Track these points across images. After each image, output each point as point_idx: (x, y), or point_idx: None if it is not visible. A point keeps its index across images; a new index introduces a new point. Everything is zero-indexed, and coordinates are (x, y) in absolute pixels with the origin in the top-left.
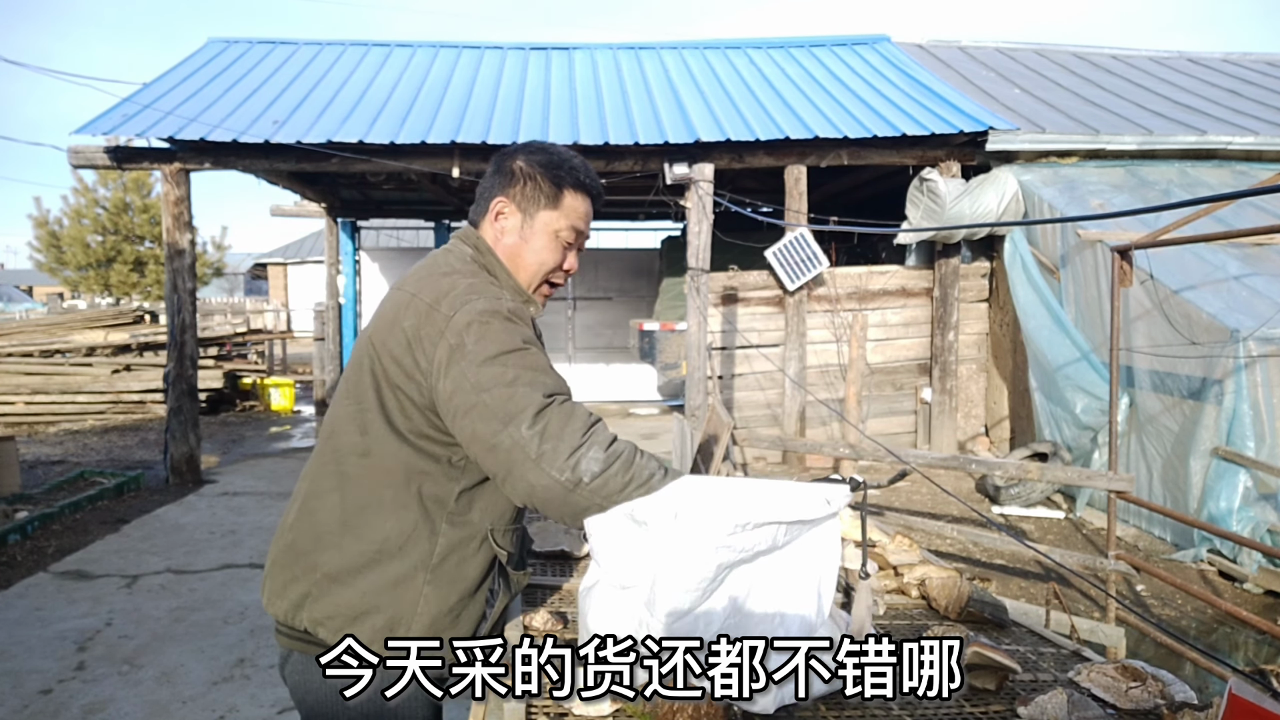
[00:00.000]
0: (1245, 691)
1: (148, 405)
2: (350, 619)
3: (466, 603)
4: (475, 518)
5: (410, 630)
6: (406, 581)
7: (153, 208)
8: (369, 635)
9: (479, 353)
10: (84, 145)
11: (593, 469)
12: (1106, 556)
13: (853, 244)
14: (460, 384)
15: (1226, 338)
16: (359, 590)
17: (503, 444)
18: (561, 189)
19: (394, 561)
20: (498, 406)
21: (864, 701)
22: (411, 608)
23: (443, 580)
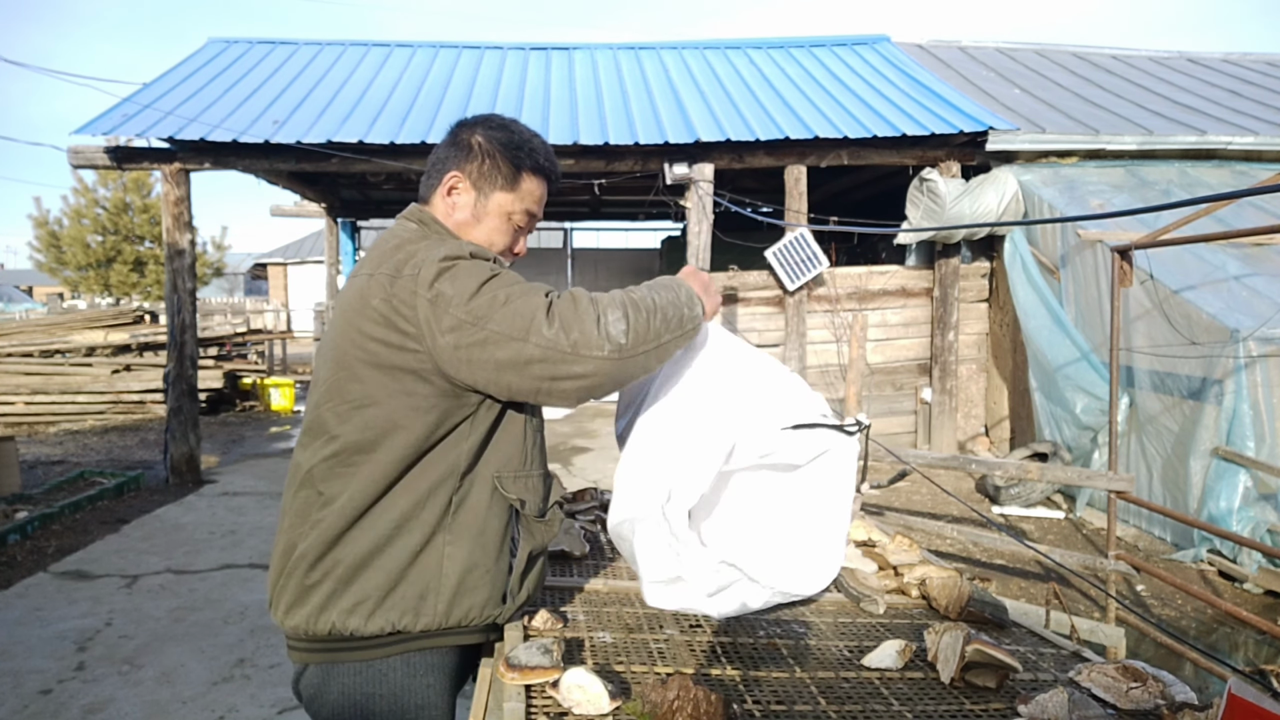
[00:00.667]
0: (1245, 691)
1: (148, 405)
2: (380, 599)
3: (491, 555)
4: (482, 470)
5: (440, 595)
6: (427, 548)
7: (153, 208)
8: (400, 608)
9: (461, 293)
10: (84, 145)
11: (621, 327)
12: (1106, 556)
13: (853, 244)
14: (459, 328)
15: (1226, 338)
16: (384, 570)
17: (534, 355)
18: (520, 171)
19: (413, 533)
20: (508, 326)
21: (864, 698)
22: (437, 572)
23: (462, 537)
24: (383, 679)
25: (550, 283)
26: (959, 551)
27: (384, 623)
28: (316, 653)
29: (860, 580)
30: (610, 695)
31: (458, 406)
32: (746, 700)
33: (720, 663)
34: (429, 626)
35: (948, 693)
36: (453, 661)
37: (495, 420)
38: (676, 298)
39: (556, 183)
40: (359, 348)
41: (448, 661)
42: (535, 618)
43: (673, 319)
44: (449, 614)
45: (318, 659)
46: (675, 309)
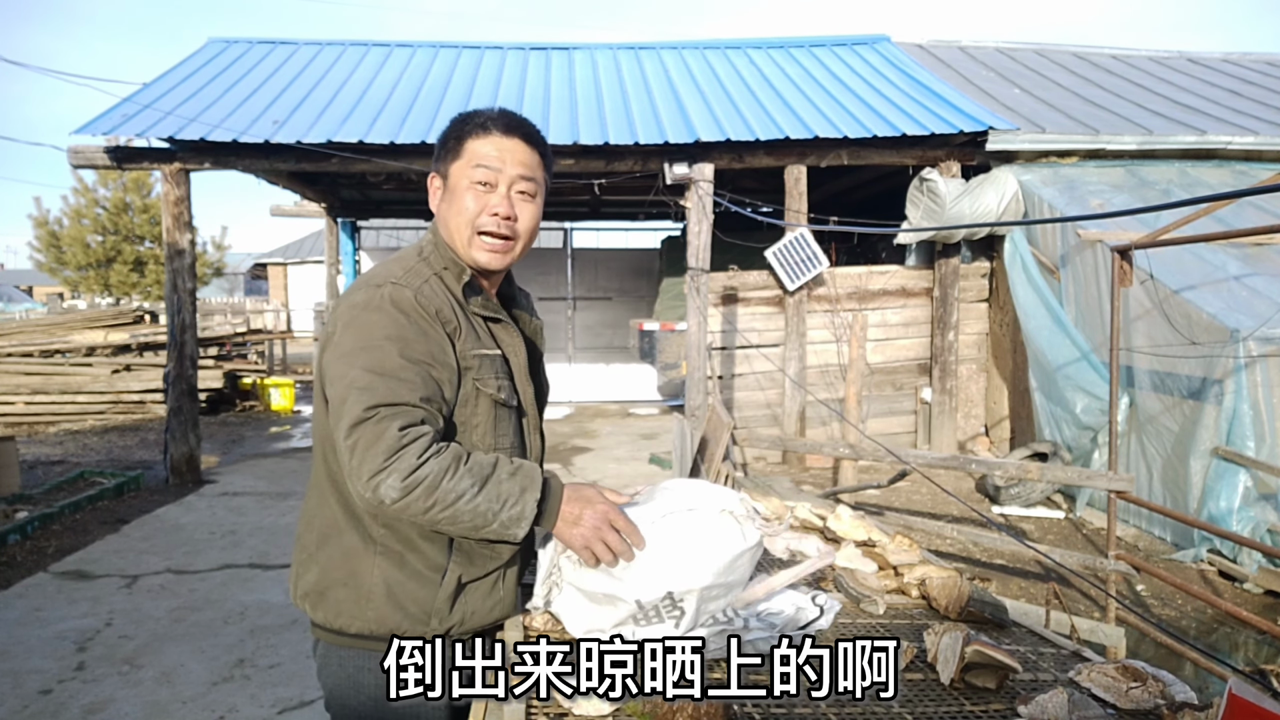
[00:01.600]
0: (1245, 691)
1: (148, 405)
2: (320, 594)
3: (418, 572)
4: None
5: (371, 604)
6: (359, 554)
7: (153, 208)
8: (335, 609)
9: (339, 345)
10: (84, 145)
11: (391, 495)
12: (1106, 556)
13: (853, 244)
14: (325, 374)
15: (1226, 338)
16: (322, 564)
17: (340, 442)
18: (464, 140)
19: (344, 536)
20: (336, 403)
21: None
22: (366, 580)
23: (389, 551)
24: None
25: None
26: (959, 551)
27: (325, 616)
28: (314, 628)
29: (860, 580)
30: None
31: None
32: (746, 702)
33: (720, 664)
34: (361, 631)
35: (948, 694)
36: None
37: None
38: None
39: (513, 130)
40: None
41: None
42: (535, 618)
43: (466, 522)
44: (380, 622)
45: (316, 634)
46: (481, 518)
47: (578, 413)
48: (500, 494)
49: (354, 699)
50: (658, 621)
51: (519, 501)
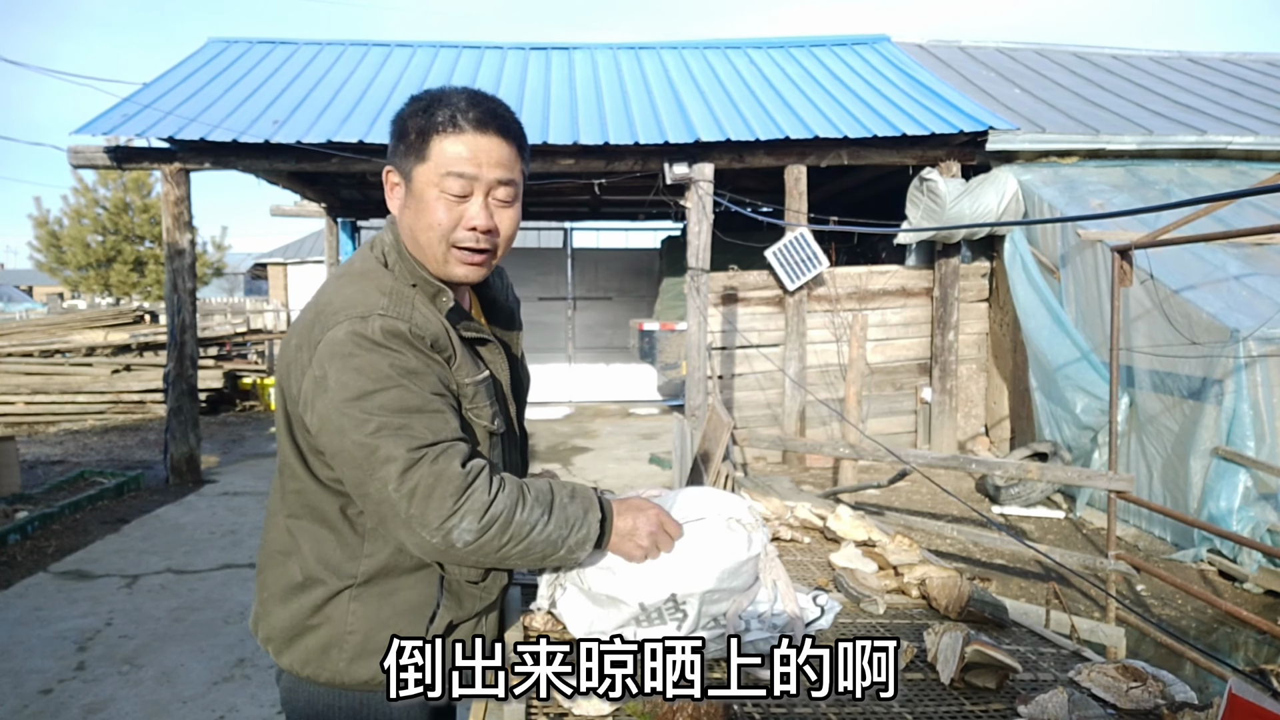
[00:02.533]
0: (1245, 691)
1: (148, 405)
2: (286, 640)
3: (402, 618)
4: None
5: (343, 652)
6: (333, 601)
7: (153, 208)
8: (303, 657)
9: (339, 392)
10: (84, 145)
11: (465, 538)
12: (1106, 556)
13: (853, 244)
14: (325, 424)
15: (1226, 338)
16: (291, 611)
17: (372, 495)
18: (429, 137)
19: (322, 584)
20: (361, 458)
21: (869, 700)
22: (341, 626)
23: (371, 598)
24: (341, 693)
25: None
26: (959, 551)
27: (291, 662)
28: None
29: (860, 580)
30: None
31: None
32: (746, 702)
33: (720, 663)
34: (332, 681)
35: (948, 693)
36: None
37: None
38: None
39: (487, 126)
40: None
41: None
42: (535, 618)
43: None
44: (351, 672)
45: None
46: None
47: (578, 413)
48: (567, 519)
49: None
50: (660, 623)
51: (584, 524)
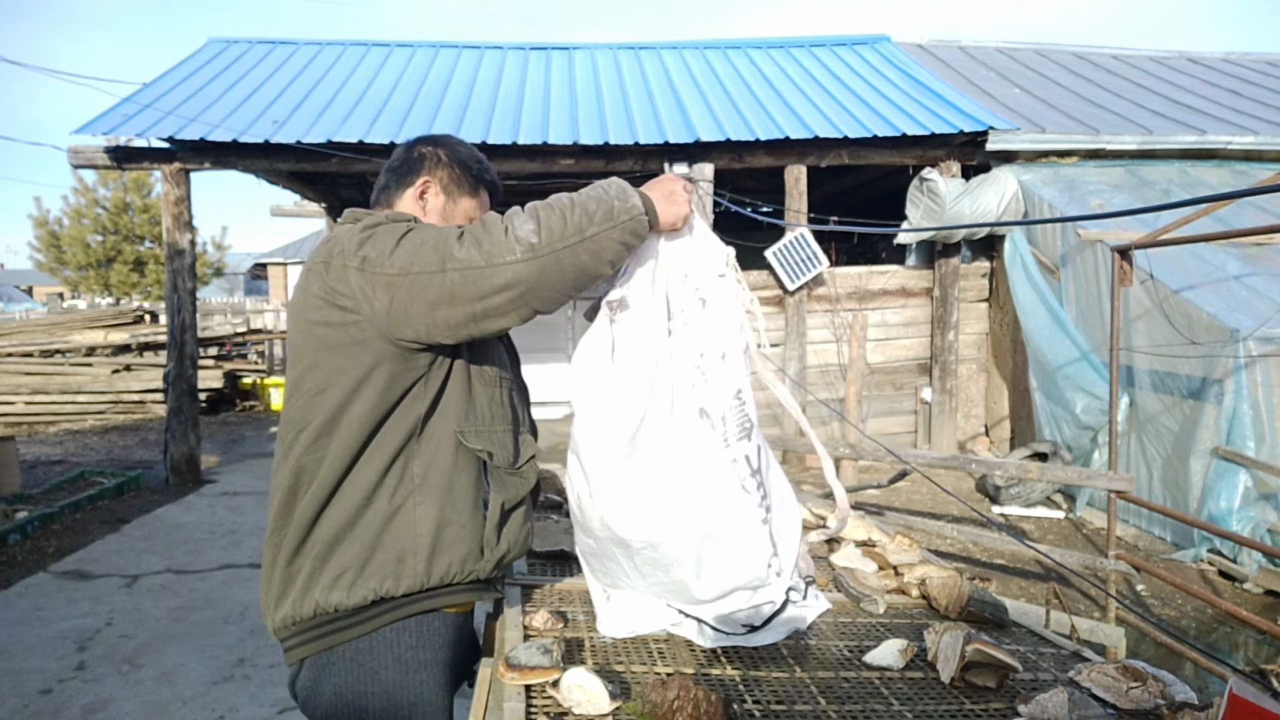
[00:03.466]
0: (1245, 691)
1: (148, 405)
2: (359, 568)
3: (463, 510)
4: (440, 428)
5: (418, 555)
6: (399, 513)
7: (153, 208)
8: (380, 575)
9: (383, 251)
10: (84, 145)
11: (529, 228)
12: (1106, 556)
13: (853, 244)
14: (390, 285)
15: (1226, 338)
16: (359, 540)
17: (455, 282)
18: (480, 183)
19: (381, 499)
20: (427, 263)
21: (870, 700)
22: (411, 533)
23: (431, 496)
24: (375, 677)
25: None
26: (959, 551)
27: (366, 591)
28: (308, 643)
29: (860, 580)
30: (610, 695)
31: (407, 369)
32: (746, 700)
33: (720, 663)
34: (411, 588)
35: (948, 692)
36: (446, 658)
37: (446, 378)
38: (603, 193)
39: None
40: (309, 337)
41: (441, 658)
42: (535, 618)
43: (597, 212)
44: (429, 572)
45: (310, 650)
46: (600, 203)
47: None
48: (605, 188)
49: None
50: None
51: (609, 184)
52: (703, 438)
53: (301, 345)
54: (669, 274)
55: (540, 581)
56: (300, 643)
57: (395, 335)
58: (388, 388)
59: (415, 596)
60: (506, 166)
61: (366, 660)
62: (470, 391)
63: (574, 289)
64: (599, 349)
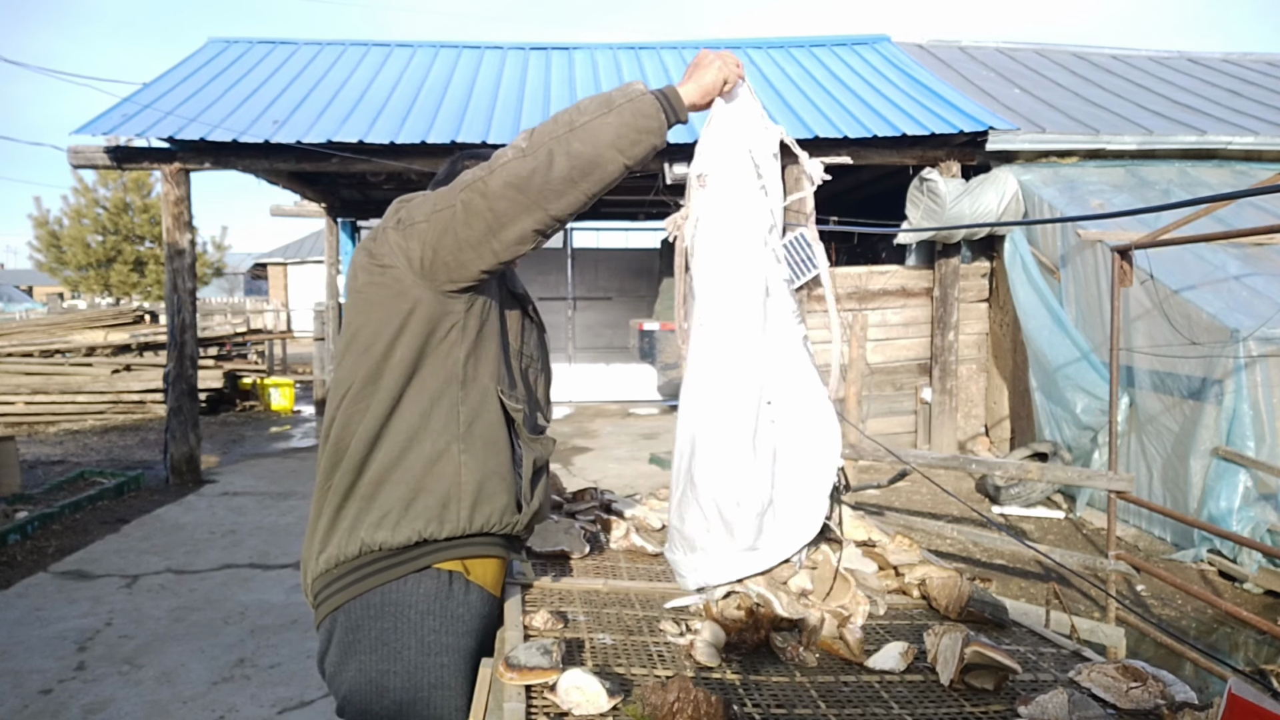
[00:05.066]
0: (1245, 691)
1: (148, 405)
2: (404, 509)
3: (505, 462)
4: (481, 378)
5: (462, 502)
6: (442, 456)
7: (153, 208)
8: (425, 517)
9: (414, 208)
10: (84, 145)
11: (522, 137)
12: (1106, 556)
13: (853, 244)
14: (420, 232)
15: (1226, 338)
16: (403, 482)
17: (465, 199)
18: None
19: (424, 443)
20: (446, 200)
21: (869, 702)
22: (455, 479)
23: (475, 446)
24: (398, 656)
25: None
26: (959, 551)
27: (410, 532)
28: (348, 587)
29: (860, 580)
30: (609, 696)
31: (443, 314)
32: (746, 703)
33: (721, 665)
34: (454, 533)
35: (948, 695)
36: (470, 645)
37: (481, 329)
38: (605, 92)
39: None
40: (357, 302)
41: (464, 644)
42: (535, 618)
43: (590, 105)
44: (472, 519)
45: (348, 595)
46: (596, 98)
47: (578, 413)
48: (608, 92)
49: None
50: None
51: (626, 85)
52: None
53: (351, 313)
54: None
55: (540, 581)
56: (341, 588)
57: (431, 279)
58: (426, 332)
59: (456, 541)
60: None
61: (391, 640)
62: (503, 352)
63: (582, 180)
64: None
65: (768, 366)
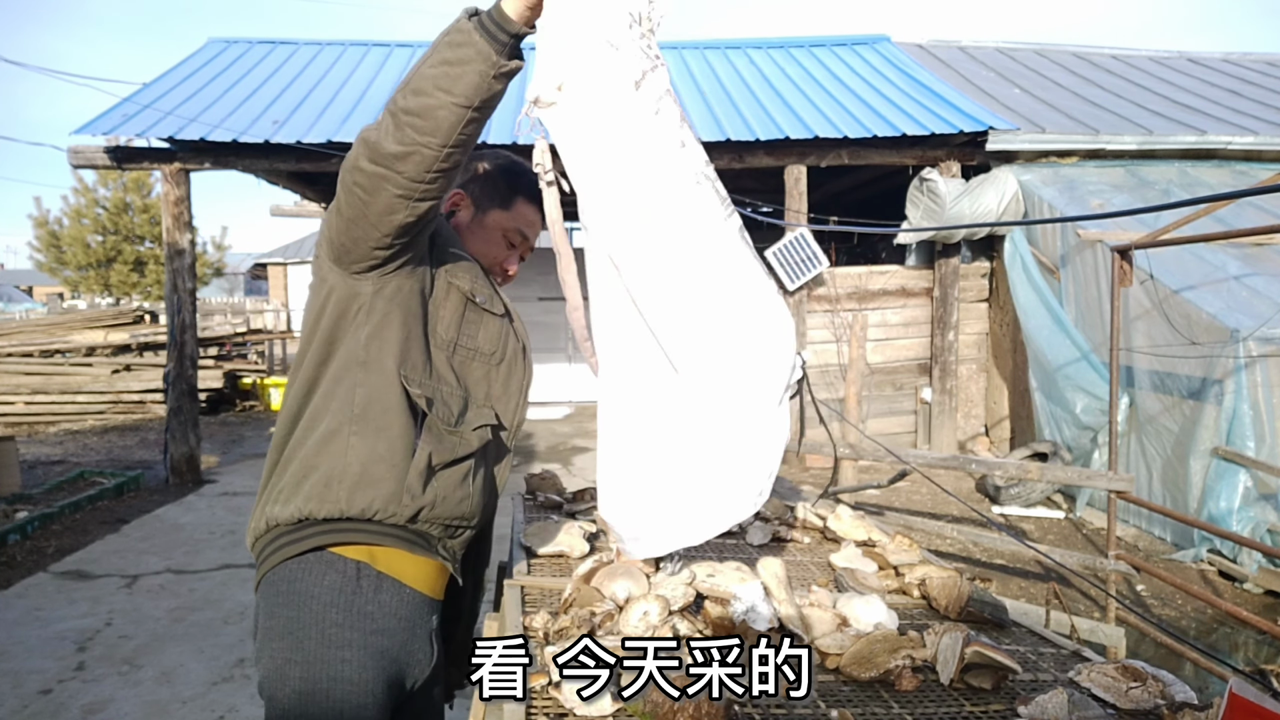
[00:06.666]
0: (1245, 691)
1: (148, 405)
2: (295, 486)
3: (397, 450)
4: (382, 362)
5: (343, 483)
6: (335, 436)
7: (153, 208)
8: (306, 494)
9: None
10: (84, 145)
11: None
12: (1106, 556)
13: (853, 244)
14: (327, 217)
15: (1226, 338)
16: (300, 460)
17: (343, 177)
18: (516, 194)
19: (320, 423)
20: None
21: (869, 702)
22: (341, 460)
23: (368, 429)
24: (299, 647)
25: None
26: (959, 551)
27: (294, 509)
28: (261, 564)
29: (860, 580)
30: (613, 699)
31: (352, 297)
32: (746, 703)
33: None
34: (332, 514)
35: (947, 694)
36: (379, 645)
37: (389, 311)
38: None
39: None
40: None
41: (371, 643)
42: (535, 618)
43: (427, 57)
44: (351, 501)
45: (262, 571)
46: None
47: (578, 413)
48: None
49: (289, 666)
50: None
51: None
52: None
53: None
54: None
55: (540, 581)
56: (259, 565)
57: (339, 262)
58: (338, 314)
59: (336, 524)
60: None
61: (295, 629)
62: (412, 336)
63: (420, 136)
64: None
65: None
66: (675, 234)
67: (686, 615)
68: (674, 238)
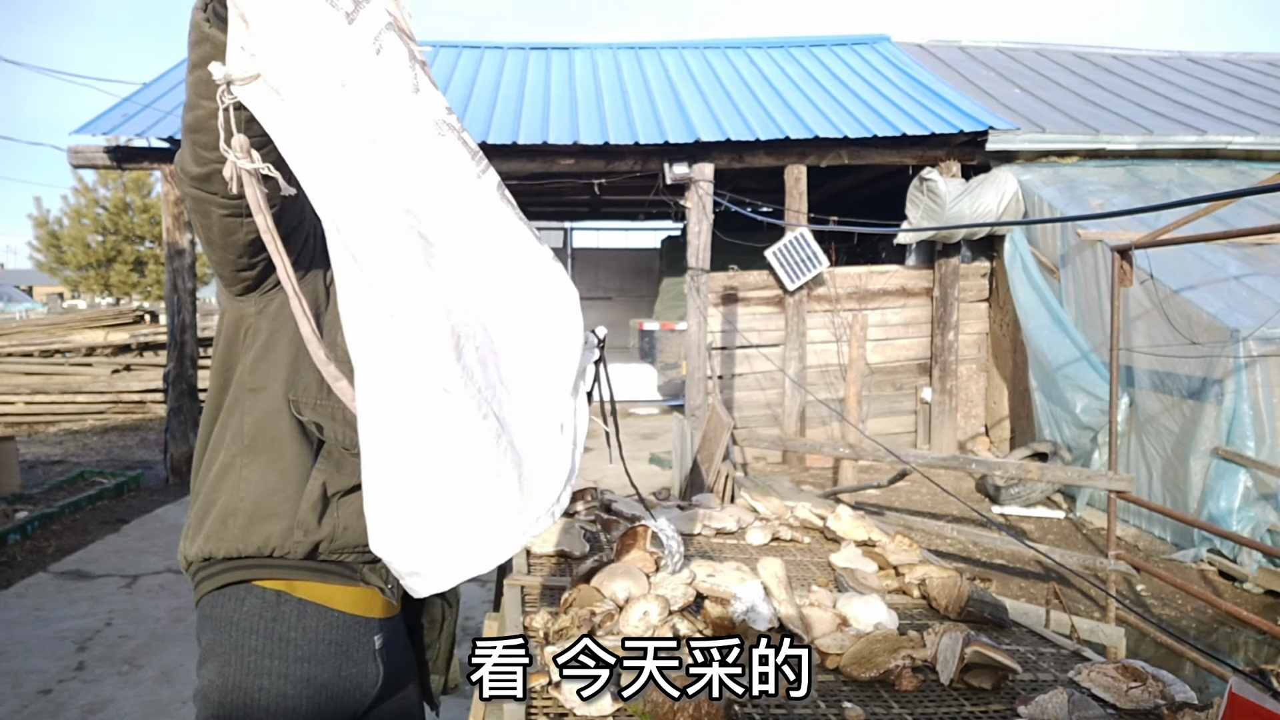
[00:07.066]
0: (1245, 691)
1: (148, 405)
2: (198, 525)
3: (290, 482)
4: (269, 387)
5: (238, 519)
6: (229, 470)
7: (153, 208)
8: (206, 533)
9: None
10: (84, 145)
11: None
12: (1106, 556)
13: (853, 244)
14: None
15: (1226, 338)
16: (203, 494)
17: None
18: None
19: (216, 456)
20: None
21: (869, 702)
22: (235, 494)
23: (257, 460)
24: (220, 671)
25: None
26: (959, 551)
27: (198, 548)
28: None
29: (860, 580)
30: (613, 698)
31: (239, 319)
32: (747, 703)
33: None
34: (230, 553)
35: (948, 694)
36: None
37: (273, 333)
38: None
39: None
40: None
41: (293, 671)
42: (535, 618)
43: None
44: (246, 539)
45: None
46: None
47: None
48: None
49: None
50: None
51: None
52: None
53: None
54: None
55: (540, 581)
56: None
57: (225, 287)
58: (229, 338)
59: (238, 562)
60: (506, 167)
61: (218, 652)
62: (303, 356)
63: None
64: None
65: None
66: (419, 200)
67: (686, 615)
68: (418, 205)
